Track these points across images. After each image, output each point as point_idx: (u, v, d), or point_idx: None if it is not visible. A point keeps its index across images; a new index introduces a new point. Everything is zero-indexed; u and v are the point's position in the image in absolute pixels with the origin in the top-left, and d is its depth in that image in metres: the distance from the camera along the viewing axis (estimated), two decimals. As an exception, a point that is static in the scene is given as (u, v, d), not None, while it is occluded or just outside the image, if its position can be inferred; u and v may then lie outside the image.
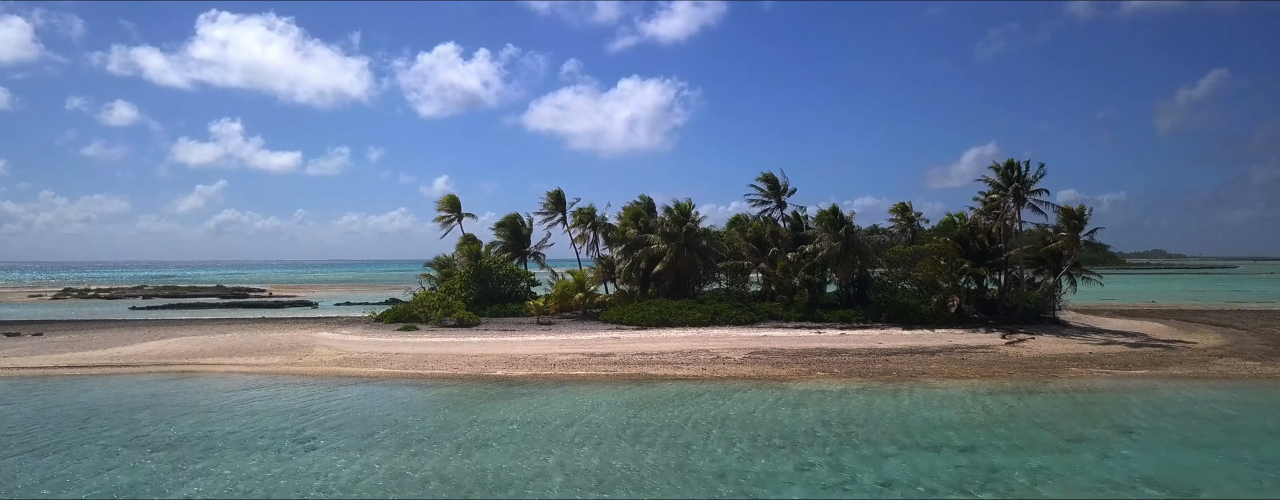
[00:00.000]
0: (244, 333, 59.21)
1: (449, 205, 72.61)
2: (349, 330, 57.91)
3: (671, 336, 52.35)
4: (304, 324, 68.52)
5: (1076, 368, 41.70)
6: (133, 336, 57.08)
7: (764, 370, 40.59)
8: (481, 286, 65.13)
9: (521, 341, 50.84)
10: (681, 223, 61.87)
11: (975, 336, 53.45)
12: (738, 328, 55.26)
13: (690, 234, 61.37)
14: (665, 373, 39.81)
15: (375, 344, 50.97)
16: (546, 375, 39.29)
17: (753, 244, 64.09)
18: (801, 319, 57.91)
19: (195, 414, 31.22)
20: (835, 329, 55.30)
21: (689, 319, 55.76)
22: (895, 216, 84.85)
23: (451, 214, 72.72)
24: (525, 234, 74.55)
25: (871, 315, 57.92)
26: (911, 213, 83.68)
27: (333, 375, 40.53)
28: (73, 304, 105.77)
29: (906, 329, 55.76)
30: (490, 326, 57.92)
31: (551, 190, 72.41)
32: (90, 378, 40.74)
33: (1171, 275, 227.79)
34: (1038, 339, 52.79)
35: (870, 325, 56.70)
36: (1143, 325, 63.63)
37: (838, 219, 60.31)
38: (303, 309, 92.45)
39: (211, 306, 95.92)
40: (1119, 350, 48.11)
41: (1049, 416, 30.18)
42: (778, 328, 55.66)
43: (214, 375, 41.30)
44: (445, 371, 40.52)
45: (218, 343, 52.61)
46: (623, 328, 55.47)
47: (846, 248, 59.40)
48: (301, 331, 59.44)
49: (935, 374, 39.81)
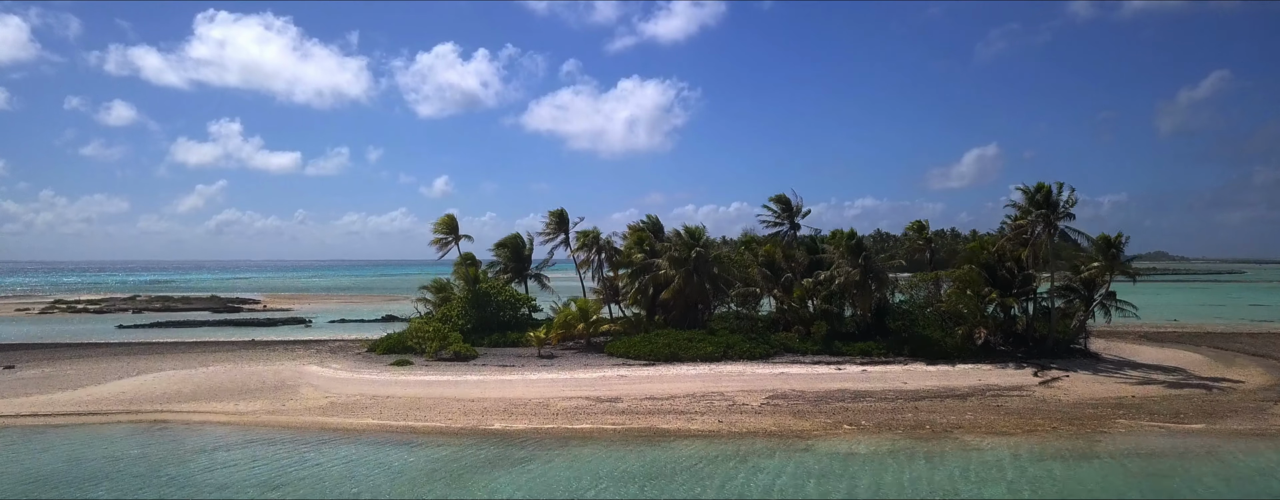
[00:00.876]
0: (229, 365, 55.95)
1: (446, 227, 69.32)
2: (339, 363, 54.63)
3: (682, 374, 49.04)
4: (294, 350, 65.26)
5: (1124, 419, 38.40)
6: (110, 369, 53.78)
7: (785, 422, 37.28)
8: (480, 313, 61.83)
9: (521, 381, 47.53)
10: (691, 248, 58.58)
11: (1005, 374, 50.15)
12: (752, 363, 51.97)
13: (700, 260, 58.08)
14: (678, 426, 36.49)
15: (366, 383, 47.67)
16: (548, 429, 35.97)
17: (765, 268, 60.81)
18: (819, 352, 54.62)
19: (154, 486, 27.93)
20: (856, 364, 52.00)
21: (700, 353, 52.46)
22: (912, 234, 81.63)
23: (448, 236, 69.42)
24: (526, 254, 71.28)
25: (893, 348, 54.62)
26: (929, 232, 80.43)
27: (317, 427, 37.24)
28: (59, 320, 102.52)
29: (930, 364, 52.46)
30: (489, 359, 54.62)
31: (554, 210, 69.23)
32: (52, 429, 37.49)
33: (1180, 283, 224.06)
34: (1072, 376, 49.49)
35: (892, 359, 53.40)
36: (1176, 355, 60.35)
37: (857, 245, 57.03)
38: (295, 329, 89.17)
39: (202, 324, 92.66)
40: (1162, 393, 44.81)
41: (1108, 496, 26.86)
42: (795, 363, 52.35)
43: (187, 426, 38.03)
44: (439, 424, 37.19)
45: (199, 379, 49.33)
46: (629, 363, 52.17)
47: (865, 275, 56.11)
48: (289, 363, 56.15)
49: (971, 427, 36.52)
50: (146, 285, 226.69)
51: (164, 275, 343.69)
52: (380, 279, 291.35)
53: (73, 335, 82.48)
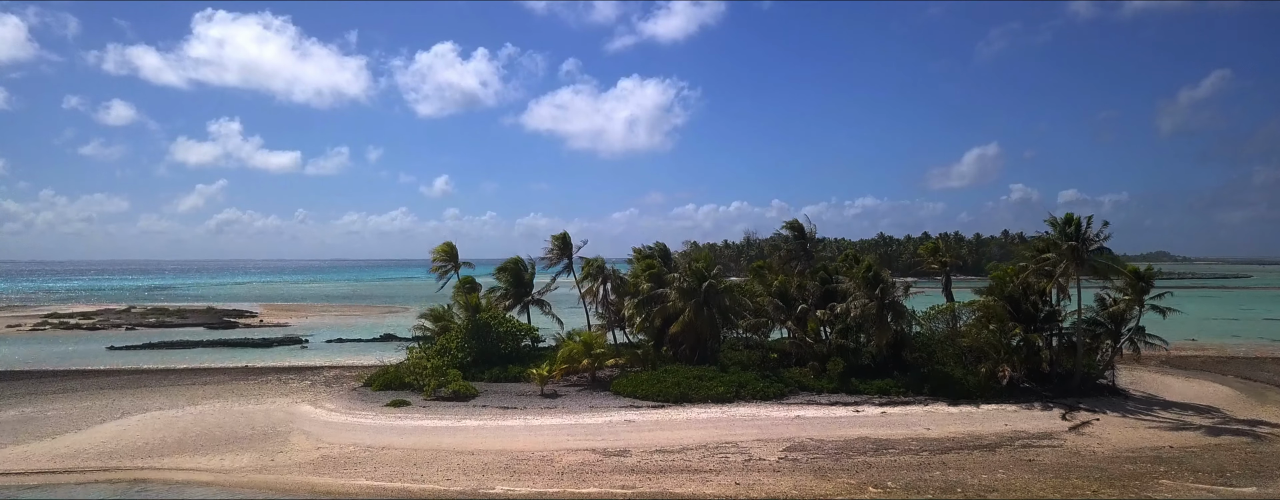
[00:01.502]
0: (219, 403, 53.58)
1: (445, 254, 66.96)
2: (333, 402, 52.20)
3: (693, 418, 46.63)
4: (288, 381, 62.94)
5: (1167, 478, 35.97)
6: (94, 409, 51.40)
7: (806, 484, 34.86)
8: (480, 344, 59.41)
9: (524, 427, 45.11)
10: (701, 279, 56.15)
11: (1032, 417, 47.75)
12: (766, 404, 49.56)
13: (710, 292, 55.66)
14: (692, 490, 34.08)
15: (360, 429, 45.28)
16: (553, 496, 33.56)
17: (778, 299, 58.41)
18: (835, 390, 52.23)
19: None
20: (875, 405, 49.61)
21: (711, 393, 50.05)
22: (925, 257, 79.24)
23: (447, 263, 67.02)
24: (527, 279, 68.91)
25: (912, 386, 52.21)
26: (944, 255, 78.05)
27: (306, 489, 34.87)
28: (50, 339, 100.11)
29: (952, 404, 50.05)
30: (489, 399, 52.20)
31: (556, 234, 66.77)
32: (25, 489, 35.17)
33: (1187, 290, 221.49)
34: (1103, 420, 47.10)
35: (912, 398, 50.99)
36: (1204, 389, 57.97)
37: (874, 276, 54.62)
38: (291, 351, 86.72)
39: (195, 345, 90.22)
40: (1201, 441, 42.42)
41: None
42: (810, 403, 49.94)
43: (168, 485, 35.67)
44: (437, 486, 34.77)
45: (185, 423, 46.93)
46: (637, 404, 49.73)
47: (882, 307, 53.72)
48: (281, 400, 53.78)
49: (1005, 489, 34.11)
50: (144, 293, 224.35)
51: (162, 280, 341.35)
52: (380, 286, 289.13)
53: (62, 358, 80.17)
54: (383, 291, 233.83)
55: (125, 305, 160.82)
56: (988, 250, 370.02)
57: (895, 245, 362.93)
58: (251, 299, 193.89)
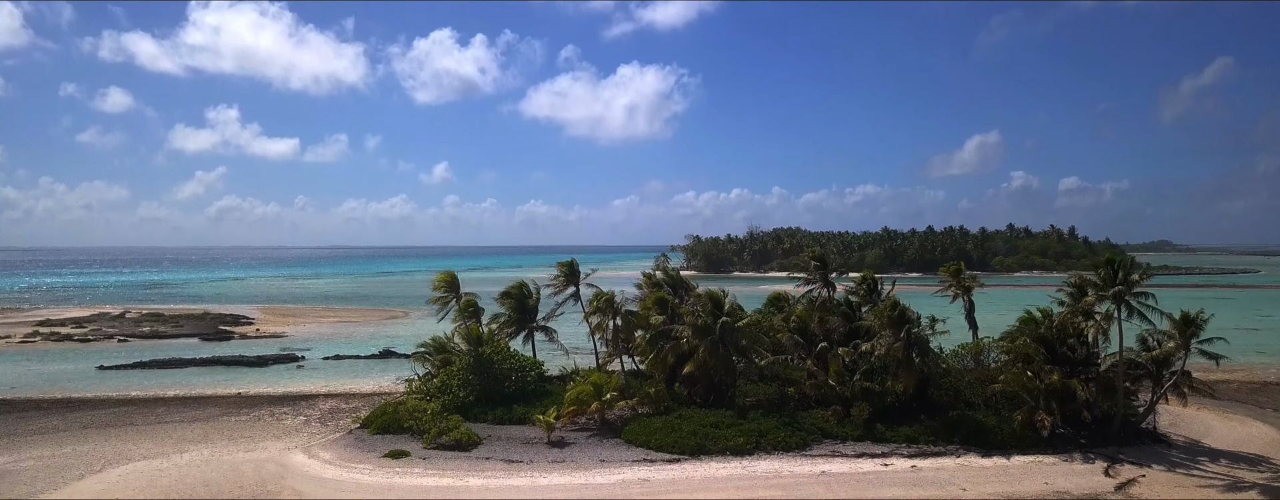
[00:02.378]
0: (207, 448, 50.64)
1: (446, 284, 63.85)
2: (329, 451, 49.15)
3: (712, 477, 43.57)
4: (282, 417, 60.09)
5: (1234, 563, 33.04)
6: (73, 459, 48.40)
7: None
8: (483, 380, 56.36)
9: (531, 487, 42.12)
10: (716, 316, 53.00)
11: (1072, 471, 44.74)
12: (788, 457, 46.55)
13: (726, 330, 52.53)
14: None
15: (355, 487, 42.33)
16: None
17: (798, 335, 55.40)
18: (860, 437, 49.20)
19: None
20: (903, 456, 46.65)
21: (730, 445, 46.99)
22: (946, 281, 76.17)
23: (449, 294, 63.91)
24: (531, 305, 65.90)
25: (942, 433, 49.18)
26: (966, 278, 74.97)
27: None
28: (39, 353, 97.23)
29: (985, 456, 47.08)
30: (493, 447, 49.17)
31: (563, 260, 63.80)
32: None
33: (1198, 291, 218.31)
34: (1149, 475, 44.12)
35: (942, 448, 47.98)
36: (1248, 430, 55.12)
37: (900, 315, 51.53)
38: (286, 371, 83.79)
39: (188, 364, 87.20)
40: (1260, 507, 39.53)
41: None
42: (835, 455, 46.93)
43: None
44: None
45: (168, 482, 43.76)
46: (651, 456, 46.64)
47: (910, 348, 50.66)
48: (274, 446, 50.80)
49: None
50: (141, 292, 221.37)
51: (160, 275, 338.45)
52: (380, 284, 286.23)
53: (49, 381, 77.32)
54: (383, 290, 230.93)
55: (120, 308, 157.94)
56: (992, 245, 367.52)
57: (899, 240, 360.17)
58: (249, 300, 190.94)
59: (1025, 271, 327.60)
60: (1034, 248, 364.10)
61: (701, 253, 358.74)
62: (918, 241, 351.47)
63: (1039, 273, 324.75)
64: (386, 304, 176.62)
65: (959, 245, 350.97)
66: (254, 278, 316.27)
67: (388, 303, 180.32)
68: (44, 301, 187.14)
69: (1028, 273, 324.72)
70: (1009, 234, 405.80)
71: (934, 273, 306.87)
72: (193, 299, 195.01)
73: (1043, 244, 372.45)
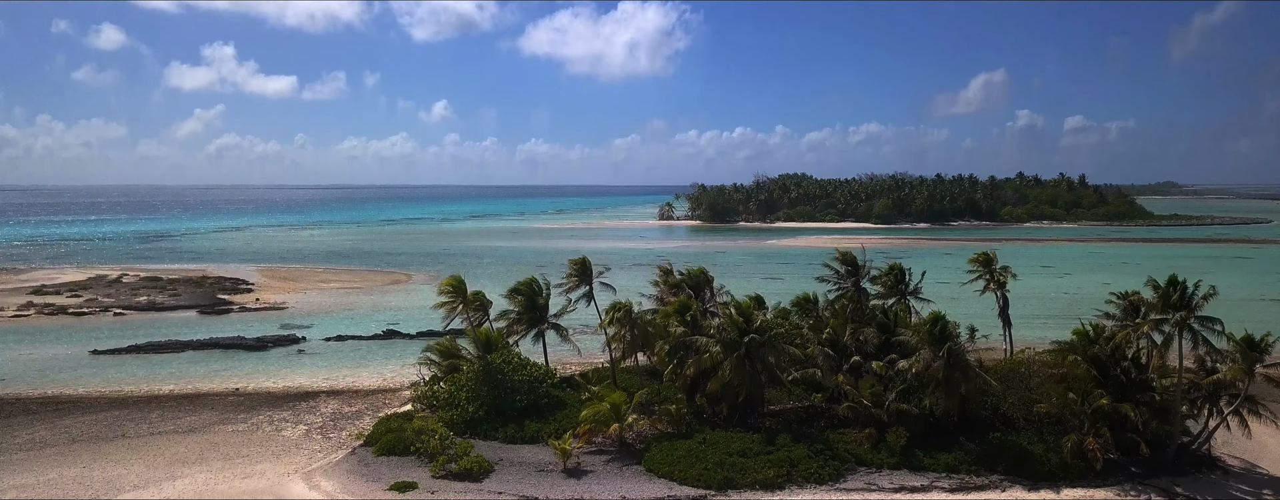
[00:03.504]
0: (203, 471, 47.84)
1: (453, 289, 60.01)
2: (331, 480, 46.16)
3: (742, 521, 40.64)
4: (282, 426, 57.29)
5: None
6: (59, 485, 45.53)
7: None
8: (493, 393, 53.10)
9: (549, 535, 39.18)
10: (744, 331, 49.39)
11: (1128, 511, 41.79)
12: (822, 490, 43.53)
13: (754, 347, 48.99)
14: None
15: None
16: None
17: (828, 347, 51.96)
18: (897, 465, 46.08)
19: None
20: (944, 491, 43.68)
21: (759, 478, 43.89)
22: (976, 269, 72.57)
23: (456, 299, 60.16)
24: (542, 302, 62.30)
25: (984, 461, 46.07)
26: (997, 268, 71.30)
27: None
28: (32, 332, 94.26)
29: (1031, 489, 44.07)
30: (505, 474, 46.11)
31: (575, 259, 59.99)
32: None
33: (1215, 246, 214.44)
34: (1210, 517, 41.19)
35: (985, 479, 44.92)
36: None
37: (942, 332, 47.94)
38: (287, 355, 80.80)
39: (186, 348, 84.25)
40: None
41: None
42: (872, 488, 43.87)
43: None
44: None
45: (159, 521, 41.00)
46: (674, 490, 43.50)
47: (952, 369, 47.24)
48: (273, 470, 47.92)
49: None
50: (140, 246, 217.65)
51: (160, 224, 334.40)
52: (382, 235, 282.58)
53: (40, 372, 74.46)
54: (385, 244, 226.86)
55: (118, 270, 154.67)
56: (1002, 194, 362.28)
57: (908, 188, 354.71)
58: (249, 258, 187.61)
59: (1035, 222, 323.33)
60: (1044, 197, 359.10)
61: (707, 202, 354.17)
62: (926, 191, 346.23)
63: (1049, 222, 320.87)
64: (388, 265, 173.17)
65: (968, 195, 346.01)
66: (254, 228, 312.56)
67: (390, 263, 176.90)
68: (40, 259, 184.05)
69: (1038, 223, 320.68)
70: (1018, 182, 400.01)
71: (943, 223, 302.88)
72: (192, 257, 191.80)
73: (1052, 193, 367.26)
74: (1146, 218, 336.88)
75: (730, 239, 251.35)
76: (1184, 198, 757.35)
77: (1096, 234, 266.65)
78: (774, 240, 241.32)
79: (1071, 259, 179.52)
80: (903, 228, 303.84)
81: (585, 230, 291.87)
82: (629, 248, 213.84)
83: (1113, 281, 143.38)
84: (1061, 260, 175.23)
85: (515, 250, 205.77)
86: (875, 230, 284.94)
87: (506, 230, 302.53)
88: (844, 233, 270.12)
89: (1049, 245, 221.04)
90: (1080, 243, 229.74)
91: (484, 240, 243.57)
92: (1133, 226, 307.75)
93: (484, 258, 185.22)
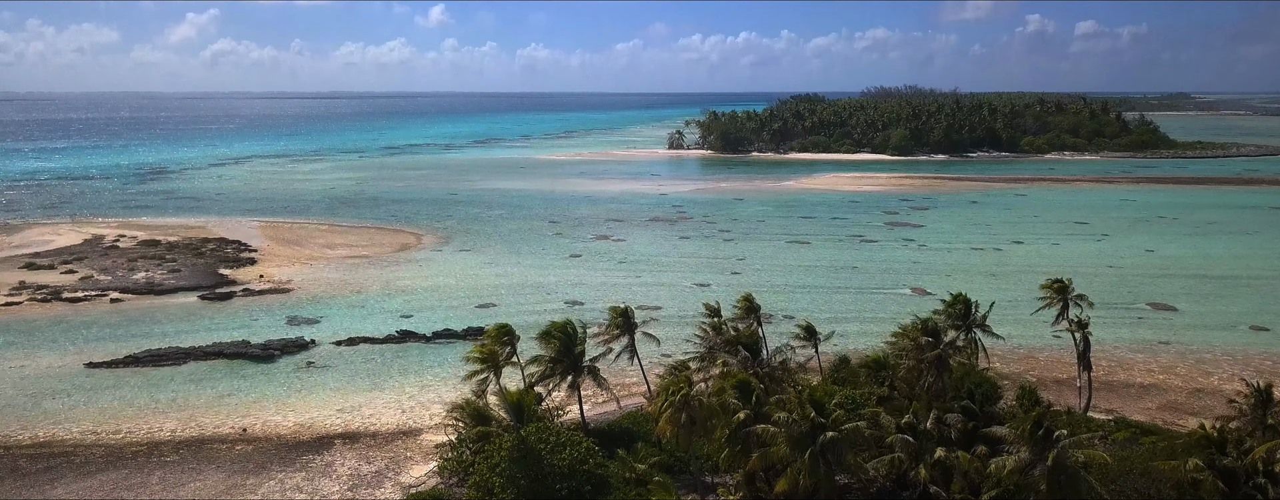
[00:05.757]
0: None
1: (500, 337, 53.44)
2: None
3: None
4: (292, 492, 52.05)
5: None
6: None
7: None
8: (529, 478, 47.44)
9: None
10: (819, 428, 43.32)
11: None
12: None
13: (831, 446, 43.06)
14: None
15: None
16: None
17: (906, 433, 46.10)
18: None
19: None
20: None
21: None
22: (1048, 296, 66.33)
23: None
24: (578, 350, 56.28)
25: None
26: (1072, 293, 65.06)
27: None
28: (23, 329, 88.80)
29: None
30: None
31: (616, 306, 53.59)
32: None
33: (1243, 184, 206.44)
34: None
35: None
36: None
37: (1046, 431, 41.92)
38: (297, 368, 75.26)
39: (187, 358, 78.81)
40: None
41: None
42: None
43: None
44: None
45: None
46: None
47: (1056, 480, 41.47)
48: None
49: None
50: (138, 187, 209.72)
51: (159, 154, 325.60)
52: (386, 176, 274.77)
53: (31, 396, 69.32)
54: (389, 189, 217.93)
55: (114, 231, 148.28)
56: (1021, 122, 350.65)
57: (925, 118, 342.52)
58: (251, 206, 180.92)
59: (1057, 153, 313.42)
60: (1065, 125, 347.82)
61: (718, 130, 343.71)
62: (944, 120, 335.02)
63: (1071, 154, 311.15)
64: (394, 218, 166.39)
65: (987, 124, 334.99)
66: (253, 160, 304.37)
67: (396, 215, 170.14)
68: (34, 209, 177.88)
69: (1059, 154, 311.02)
70: (1039, 110, 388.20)
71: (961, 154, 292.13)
72: (191, 204, 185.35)
73: (1074, 121, 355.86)
74: (1171, 147, 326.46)
75: (746, 177, 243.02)
76: (1199, 113, 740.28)
77: (1122, 170, 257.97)
78: (791, 180, 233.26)
79: (1105, 210, 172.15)
80: (920, 161, 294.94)
81: (594, 166, 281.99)
82: (642, 192, 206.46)
83: (1156, 247, 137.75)
84: (1094, 213, 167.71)
85: (525, 196, 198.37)
86: (892, 165, 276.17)
87: (513, 164, 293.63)
88: (861, 168, 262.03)
89: (1077, 189, 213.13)
90: (1109, 184, 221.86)
91: (490, 180, 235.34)
92: (1158, 159, 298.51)
93: (493, 207, 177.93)
